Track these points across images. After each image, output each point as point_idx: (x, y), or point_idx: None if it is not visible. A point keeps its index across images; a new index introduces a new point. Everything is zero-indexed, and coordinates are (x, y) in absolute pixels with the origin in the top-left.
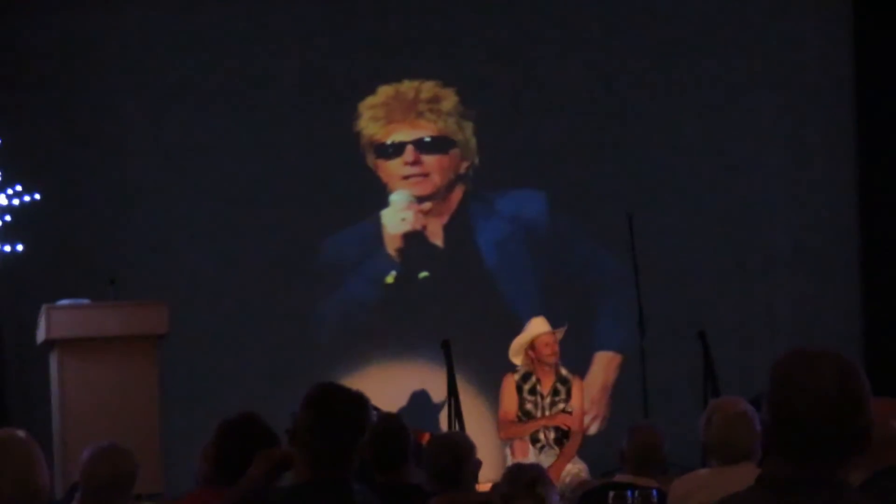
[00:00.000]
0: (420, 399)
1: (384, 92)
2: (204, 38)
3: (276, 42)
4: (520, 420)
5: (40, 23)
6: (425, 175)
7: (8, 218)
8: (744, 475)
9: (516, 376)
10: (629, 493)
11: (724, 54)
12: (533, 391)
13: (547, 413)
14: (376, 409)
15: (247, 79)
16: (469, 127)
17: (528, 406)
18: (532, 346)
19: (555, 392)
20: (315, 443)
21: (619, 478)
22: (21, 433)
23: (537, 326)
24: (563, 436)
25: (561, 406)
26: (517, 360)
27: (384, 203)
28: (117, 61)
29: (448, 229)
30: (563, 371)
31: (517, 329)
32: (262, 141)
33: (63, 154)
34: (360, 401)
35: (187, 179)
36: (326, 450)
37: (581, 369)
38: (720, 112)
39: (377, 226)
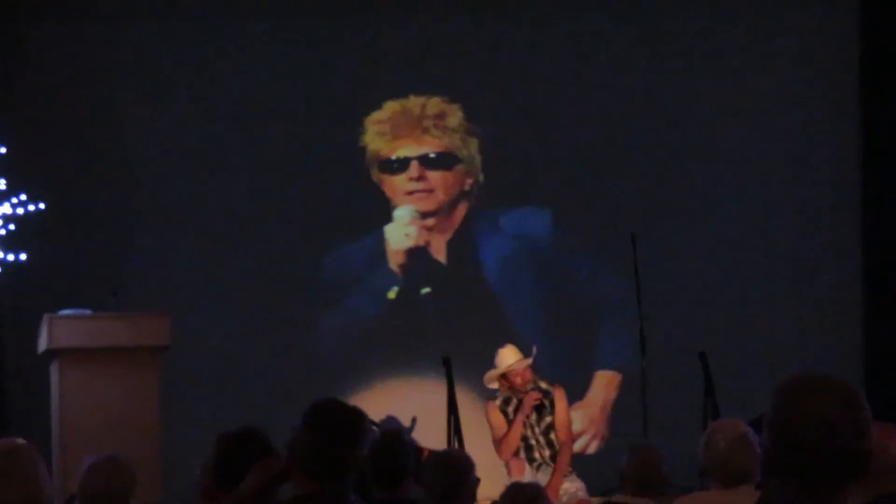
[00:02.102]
0: (420, 415)
1: (390, 107)
2: (211, 53)
3: (282, 57)
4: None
5: (47, 33)
6: (430, 191)
7: (12, 227)
8: (743, 498)
9: (498, 402)
10: None
11: (731, 74)
12: (517, 411)
13: (536, 430)
14: (376, 424)
15: (253, 93)
16: (474, 143)
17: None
18: (504, 375)
19: (539, 407)
20: (310, 457)
21: (618, 498)
22: (23, 442)
23: (506, 357)
24: (553, 447)
25: (548, 420)
26: (493, 386)
27: (388, 218)
28: (124, 74)
29: (451, 245)
30: (543, 385)
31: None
32: (268, 155)
33: (68, 164)
34: (355, 416)
35: (191, 192)
36: (321, 464)
37: (581, 388)
38: (725, 135)
39: (380, 241)
